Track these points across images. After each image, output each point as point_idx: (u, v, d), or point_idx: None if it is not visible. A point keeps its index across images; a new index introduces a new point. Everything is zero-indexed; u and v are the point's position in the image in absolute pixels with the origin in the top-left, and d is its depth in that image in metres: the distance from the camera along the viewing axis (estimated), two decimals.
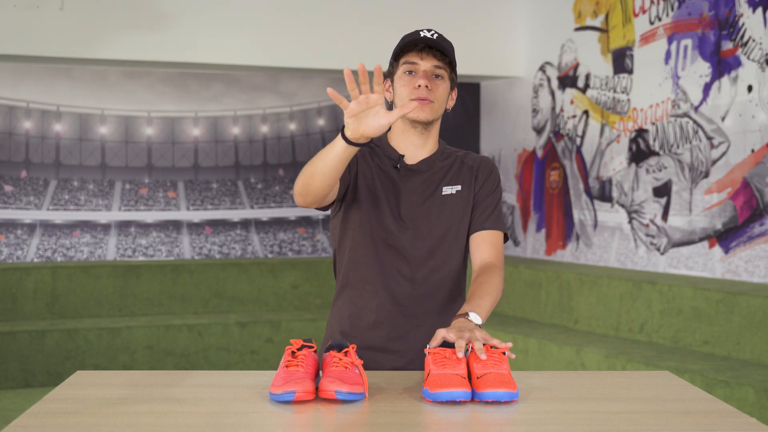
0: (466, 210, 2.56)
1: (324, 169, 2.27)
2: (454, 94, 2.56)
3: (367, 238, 2.53)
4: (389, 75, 2.55)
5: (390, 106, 2.56)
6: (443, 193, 2.54)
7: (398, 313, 2.53)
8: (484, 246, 2.54)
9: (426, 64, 2.46)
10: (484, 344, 2.18)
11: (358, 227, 2.54)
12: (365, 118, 2.17)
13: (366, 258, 2.53)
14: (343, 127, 2.20)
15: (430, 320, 2.53)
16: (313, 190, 2.33)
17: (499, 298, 2.46)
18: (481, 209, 2.56)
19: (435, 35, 2.47)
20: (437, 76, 2.48)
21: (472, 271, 2.55)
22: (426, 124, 2.51)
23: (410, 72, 2.47)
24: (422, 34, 2.47)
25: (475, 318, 2.32)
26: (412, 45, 2.46)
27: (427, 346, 2.25)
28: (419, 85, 2.45)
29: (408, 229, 2.52)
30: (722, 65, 5.61)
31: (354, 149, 2.23)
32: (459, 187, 2.56)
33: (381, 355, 2.52)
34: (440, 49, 2.45)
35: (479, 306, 2.37)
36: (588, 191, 6.71)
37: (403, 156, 2.54)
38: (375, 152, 2.57)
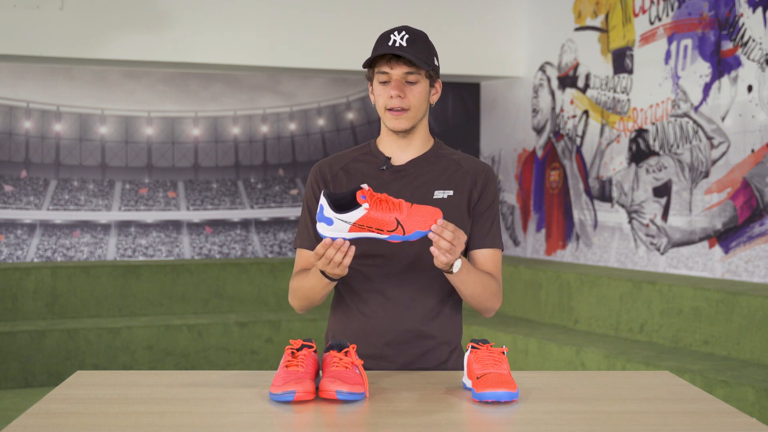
0: (458, 216, 2.51)
1: (315, 296, 2.48)
2: (438, 86, 2.55)
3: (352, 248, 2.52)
4: (369, 78, 2.54)
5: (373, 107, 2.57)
6: (434, 197, 2.51)
7: (388, 320, 2.50)
8: (487, 266, 2.53)
9: (397, 72, 2.45)
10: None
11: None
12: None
13: (353, 269, 2.50)
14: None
15: (422, 326, 2.51)
16: (316, 303, 2.53)
17: (491, 298, 2.48)
18: (481, 224, 2.54)
19: (405, 37, 2.44)
20: (410, 81, 2.46)
21: None
22: (407, 130, 2.52)
23: (384, 82, 2.47)
24: (392, 38, 2.45)
25: (458, 262, 2.34)
26: (380, 55, 2.44)
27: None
28: (391, 96, 2.46)
29: None
30: (722, 65, 5.61)
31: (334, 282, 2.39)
32: (451, 192, 2.52)
33: (376, 363, 2.51)
34: (408, 58, 2.42)
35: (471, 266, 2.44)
36: (588, 191, 6.71)
37: (389, 158, 2.54)
38: (360, 159, 2.57)
